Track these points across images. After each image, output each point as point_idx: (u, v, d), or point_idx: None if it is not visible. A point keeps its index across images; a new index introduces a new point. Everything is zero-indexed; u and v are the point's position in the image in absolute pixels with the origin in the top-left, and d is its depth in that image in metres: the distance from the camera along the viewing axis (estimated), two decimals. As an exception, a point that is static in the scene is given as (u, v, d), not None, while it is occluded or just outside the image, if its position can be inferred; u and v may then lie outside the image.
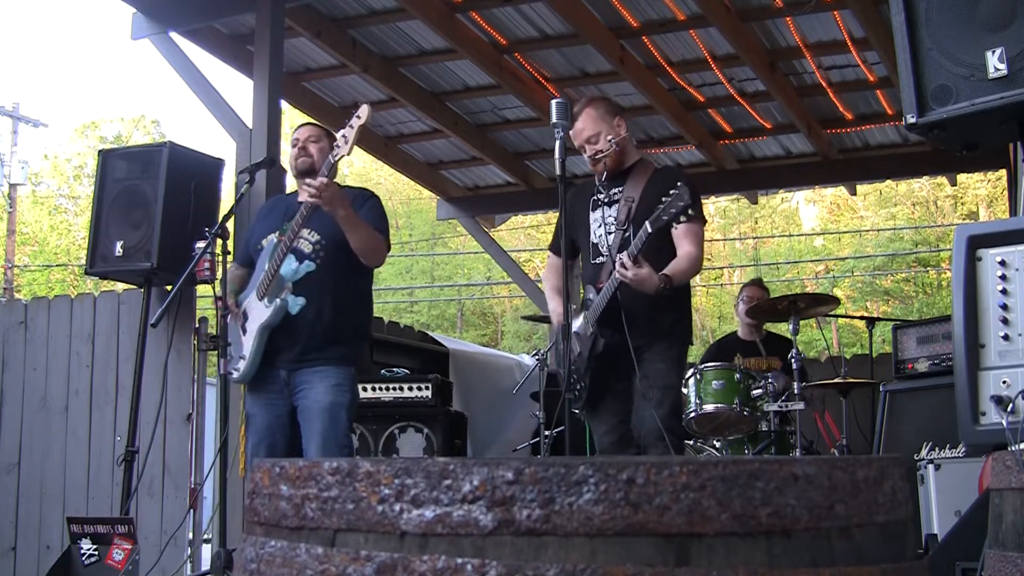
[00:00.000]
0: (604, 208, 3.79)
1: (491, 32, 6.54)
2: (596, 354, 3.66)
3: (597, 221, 3.79)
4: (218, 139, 44.46)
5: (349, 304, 3.89)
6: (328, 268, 3.83)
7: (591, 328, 3.68)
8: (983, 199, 22.51)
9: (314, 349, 3.80)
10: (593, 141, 3.78)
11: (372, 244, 3.81)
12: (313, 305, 3.80)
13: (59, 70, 43.51)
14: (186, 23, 5.80)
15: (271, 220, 4.03)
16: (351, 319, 3.91)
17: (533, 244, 24.74)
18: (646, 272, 3.47)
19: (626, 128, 3.82)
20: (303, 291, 3.81)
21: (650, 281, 3.48)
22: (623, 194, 3.73)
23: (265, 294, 3.81)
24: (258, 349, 3.81)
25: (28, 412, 5.66)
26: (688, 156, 8.21)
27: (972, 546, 2.44)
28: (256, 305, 3.84)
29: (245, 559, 1.26)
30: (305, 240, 3.84)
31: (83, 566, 4.09)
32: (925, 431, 4.69)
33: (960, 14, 2.79)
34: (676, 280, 3.57)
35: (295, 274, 3.82)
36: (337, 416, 3.77)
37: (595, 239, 3.80)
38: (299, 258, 3.83)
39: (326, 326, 3.81)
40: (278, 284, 3.80)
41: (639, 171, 3.80)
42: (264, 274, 3.83)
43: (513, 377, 7.46)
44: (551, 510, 1.08)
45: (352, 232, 3.73)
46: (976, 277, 2.54)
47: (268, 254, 3.87)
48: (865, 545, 1.18)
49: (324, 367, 3.79)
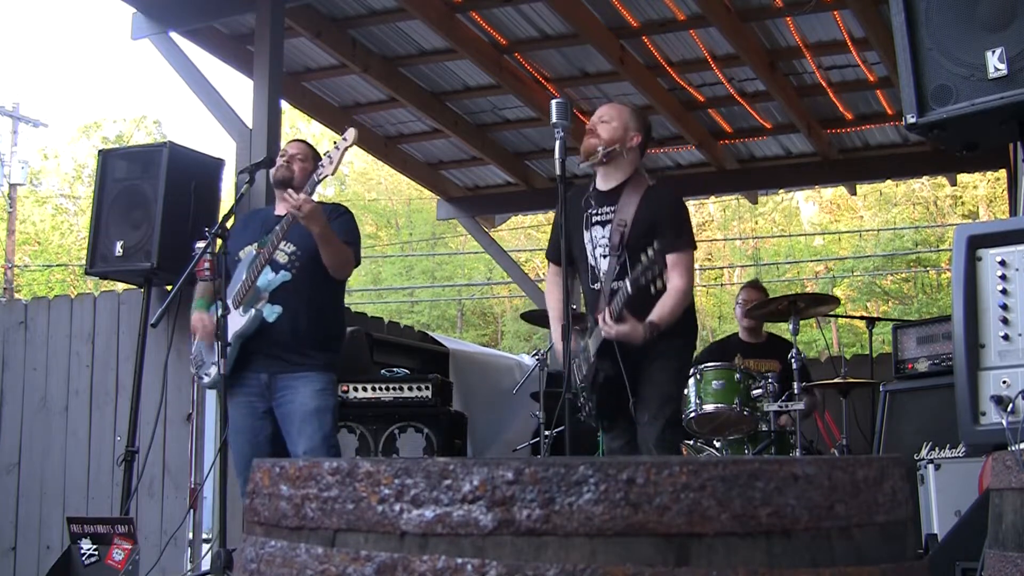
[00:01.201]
0: (597, 228, 3.75)
1: (491, 32, 6.54)
2: (599, 384, 3.69)
3: (591, 242, 3.75)
4: (218, 139, 44.48)
5: (324, 311, 4.04)
6: (303, 278, 3.97)
7: (592, 358, 3.69)
8: (983, 199, 22.51)
9: (295, 354, 3.93)
10: (605, 120, 3.76)
11: (342, 258, 3.96)
12: (290, 313, 3.93)
13: (59, 70, 43.48)
14: (186, 23, 5.80)
15: (248, 233, 4.13)
16: (327, 326, 4.06)
17: (533, 244, 24.73)
18: (628, 328, 3.51)
19: (638, 147, 3.77)
20: (279, 300, 3.94)
21: (635, 334, 3.52)
22: (616, 216, 3.68)
23: (241, 303, 3.94)
24: (231, 356, 3.90)
25: (28, 412, 5.66)
26: (688, 156, 8.21)
27: (972, 546, 2.44)
28: (232, 313, 3.93)
29: (245, 559, 1.26)
30: (281, 251, 3.97)
31: (83, 566, 4.09)
32: (925, 431, 4.68)
33: (960, 14, 2.79)
34: (664, 324, 3.57)
35: (270, 284, 3.95)
36: (324, 420, 3.92)
37: (592, 261, 3.76)
38: (275, 268, 3.96)
39: (303, 332, 3.95)
40: (255, 294, 3.93)
41: (632, 190, 3.72)
42: (241, 284, 3.95)
43: (513, 377, 7.45)
44: (551, 510, 1.08)
45: (324, 247, 3.87)
46: (976, 277, 2.54)
47: (246, 265, 3.98)
48: (865, 545, 1.18)
49: (308, 372, 3.93)
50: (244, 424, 3.97)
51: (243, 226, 4.23)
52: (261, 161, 4.43)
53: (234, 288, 3.98)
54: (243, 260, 4.03)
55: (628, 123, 3.76)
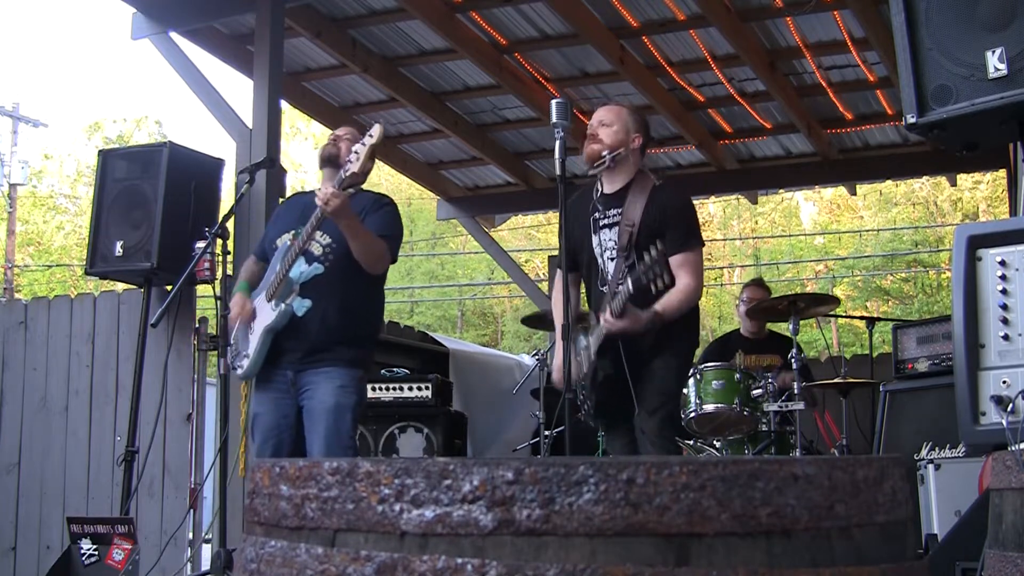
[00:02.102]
0: (605, 231, 3.75)
1: (491, 32, 6.54)
2: (598, 383, 3.69)
3: (601, 246, 3.75)
4: (218, 139, 44.46)
5: (356, 307, 3.89)
6: (336, 271, 3.84)
7: (592, 358, 3.69)
8: (983, 199, 22.50)
9: (320, 350, 3.81)
10: (606, 124, 3.76)
11: (375, 252, 3.83)
12: (319, 307, 3.82)
13: (59, 70, 43.49)
14: (186, 23, 5.80)
15: (288, 219, 4.04)
16: (358, 322, 3.91)
17: (533, 244, 24.74)
18: (629, 323, 3.51)
19: (639, 148, 3.78)
20: (310, 293, 3.83)
21: (638, 324, 3.52)
22: (623, 217, 3.68)
23: (273, 296, 3.84)
24: (262, 349, 3.83)
25: (28, 412, 5.66)
26: (688, 156, 8.22)
27: (972, 546, 2.44)
28: (264, 306, 3.86)
29: (245, 559, 1.26)
30: (316, 243, 3.86)
31: (83, 566, 4.09)
32: (925, 431, 4.68)
33: (960, 14, 2.79)
34: (667, 315, 3.56)
35: (303, 276, 3.84)
36: (341, 417, 3.78)
37: (601, 264, 3.75)
38: (308, 260, 3.85)
39: (332, 328, 3.82)
40: (287, 287, 3.83)
41: (637, 190, 3.72)
42: (275, 275, 3.86)
43: (513, 377, 7.46)
44: (551, 510, 1.08)
45: (353, 239, 3.76)
46: (976, 277, 2.54)
47: (280, 255, 3.89)
48: (865, 545, 1.18)
49: (330, 368, 3.81)
50: (270, 422, 3.87)
51: (286, 211, 4.15)
52: (261, 161, 4.44)
53: (268, 278, 3.90)
54: (279, 248, 3.94)
55: (628, 125, 3.77)
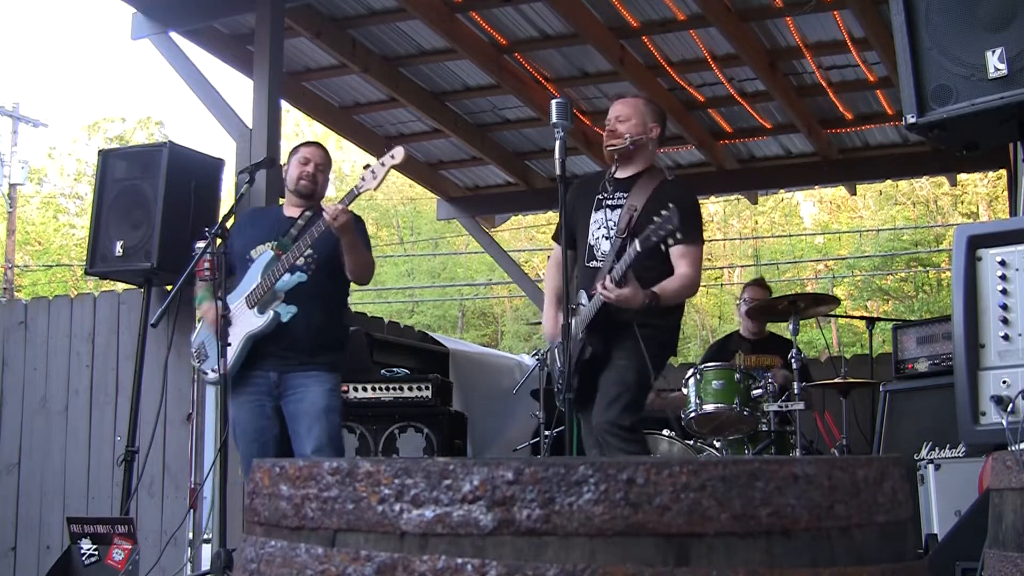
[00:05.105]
0: (607, 211, 3.79)
1: (491, 32, 6.54)
2: (584, 360, 3.69)
3: (598, 223, 3.79)
4: (218, 139, 44.46)
5: (334, 313, 4.13)
6: (318, 279, 4.03)
7: (580, 335, 3.69)
8: (983, 199, 22.50)
9: (307, 354, 3.98)
10: (623, 119, 3.80)
11: (368, 266, 4.09)
12: (304, 312, 3.98)
13: (59, 70, 43.49)
14: (186, 23, 5.80)
15: (258, 231, 4.15)
16: (336, 327, 4.14)
17: (533, 244, 24.73)
18: (629, 292, 3.52)
19: (657, 137, 3.87)
20: (294, 299, 3.99)
21: (635, 299, 3.54)
22: (627, 201, 3.74)
23: (256, 304, 3.97)
24: (240, 354, 3.93)
25: (28, 412, 5.66)
26: (688, 156, 8.21)
27: (972, 546, 2.44)
28: (245, 313, 3.97)
29: (245, 559, 1.26)
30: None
31: (83, 566, 4.09)
32: (925, 431, 4.69)
33: (960, 14, 2.79)
34: (664, 298, 3.60)
35: (286, 285, 3.99)
36: (333, 420, 3.97)
37: (592, 241, 3.80)
38: (291, 270, 3.99)
39: (316, 332, 4.00)
40: (271, 295, 3.97)
41: (647, 180, 3.79)
42: (257, 286, 3.99)
43: (513, 377, 7.45)
44: (551, 510, 1.08)
45: (351, 254, 3.96)
46: (976, 277, 2.54)
47: (262, 267, 4.01)
48: (865, 545, 1.18)
49: (318, 372, 3.98)
50: (251, 424, 3.99)
51: (250, 223, 4.24)
52: (261, 161, 4.44)
53: (247, 288, 4.02)
54: (256, 260, 4.06)
55: (646, 116, 3.86)
